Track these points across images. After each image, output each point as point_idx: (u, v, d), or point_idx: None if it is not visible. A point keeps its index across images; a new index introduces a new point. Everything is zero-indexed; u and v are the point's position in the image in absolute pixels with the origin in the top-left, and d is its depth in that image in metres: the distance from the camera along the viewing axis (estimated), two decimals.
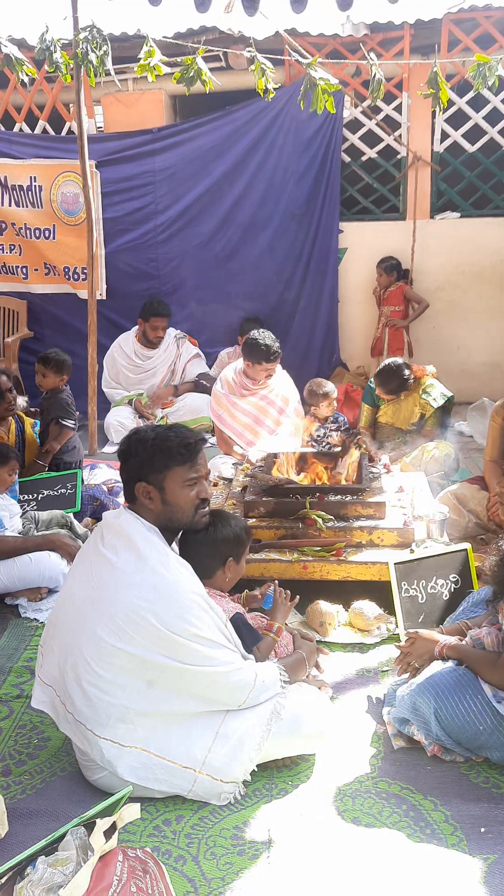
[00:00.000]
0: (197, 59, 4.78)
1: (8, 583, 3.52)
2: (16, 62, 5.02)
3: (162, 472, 2.35)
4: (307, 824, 2.18)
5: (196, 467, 2.40)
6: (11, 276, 6.88)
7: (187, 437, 2.41)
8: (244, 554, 2.69)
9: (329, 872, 2.01)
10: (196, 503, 2.42)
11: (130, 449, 2.40)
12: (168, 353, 6.33)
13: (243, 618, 2.58)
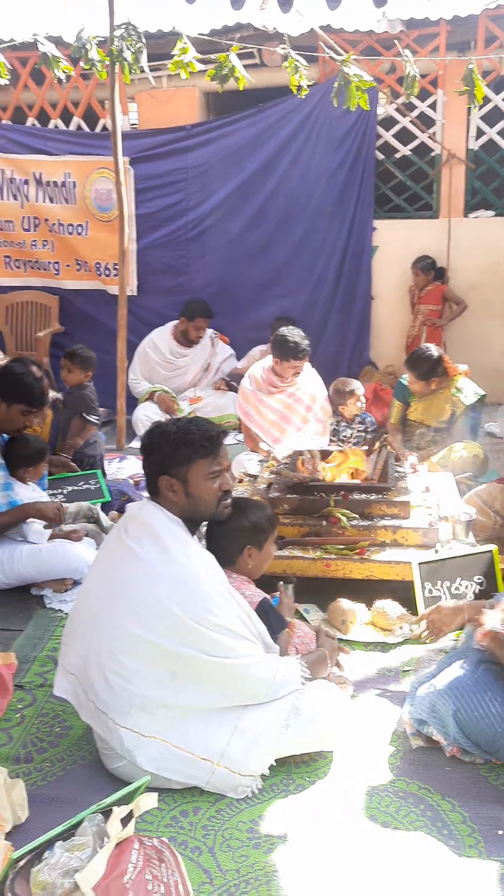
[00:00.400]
0: (231, 56, 4.80)
1: (34, 573, 3.57)
2: (52, 60, 5.08)
3: (185, 465, 2.38)
4: (323, 821, 2.19)
5: (218, 460, 2.44)
6: (44, 271, 6.96)
7: (209, 430, 2.44)
8: (267, 542, 2.69)
9: (344, 869, 2.01)
10: (219, 495, 2.45)
11: (153, 443, 2.43)
12: (203, 352, 6.34)
13: (270, 603, 2.60)
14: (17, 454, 3.75)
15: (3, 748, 2.51)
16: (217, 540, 2.62)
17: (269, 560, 2.76)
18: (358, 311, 6.57)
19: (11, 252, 6.98)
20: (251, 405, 4.83)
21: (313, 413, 4.79)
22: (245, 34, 5.99)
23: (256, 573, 2.72)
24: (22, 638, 3.21)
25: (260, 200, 6.42)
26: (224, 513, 2.51)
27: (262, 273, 6.60)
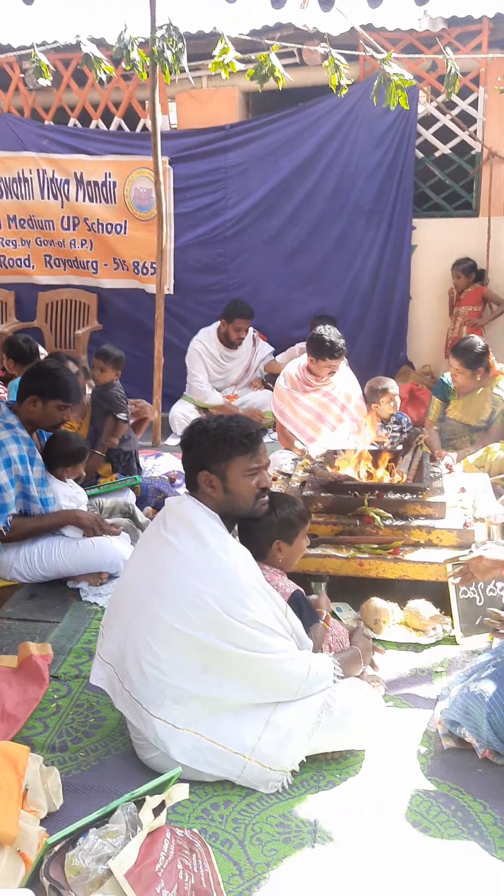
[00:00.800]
0: (271, 56, 4.81)
1: (71, 566, 3.62)
2: (94, 61, 5.14)
3: (224, 462, 2.41)
4: (353, 818, 2.19)
5: (257, 457, 2.46)
6: (82, 270, 7.05)
7: (248, 427, 2.46)
8: (297, 536, 2.70)
9: (373, 867, 2.01)
10: (256, 492, 2.47)
11: (193, 438, 2.46)
12: (247, 353, 6.36)
13: (304, 596, 2.62)
14: (58, 452, 3.78)
15: (39, 737, 2.56)
16: (248, 534, 2.64)
17: (301, 554, 2.78)
18: (395, 310, 6.53)
19: (52, 251, 7.09)
20: (286, 403, 4.84)
21: (348, 412, 4.78)
22: (285, 33, 6.00)
23: (288, 567, 2.74)
24: (58, 630, 3.27)
25: (298, 199, 6.42)
26: (261, 509, 2.53)
27: (300, 272, 6.60)
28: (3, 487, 3.49)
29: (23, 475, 3.54)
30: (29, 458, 3.60)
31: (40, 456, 3.70)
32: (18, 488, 3.54)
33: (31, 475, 3.58)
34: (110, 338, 6.88)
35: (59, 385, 3.62)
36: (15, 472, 3.51)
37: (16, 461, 3.52)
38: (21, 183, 6.93)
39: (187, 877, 1.71)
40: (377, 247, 6.42)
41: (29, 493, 3.57)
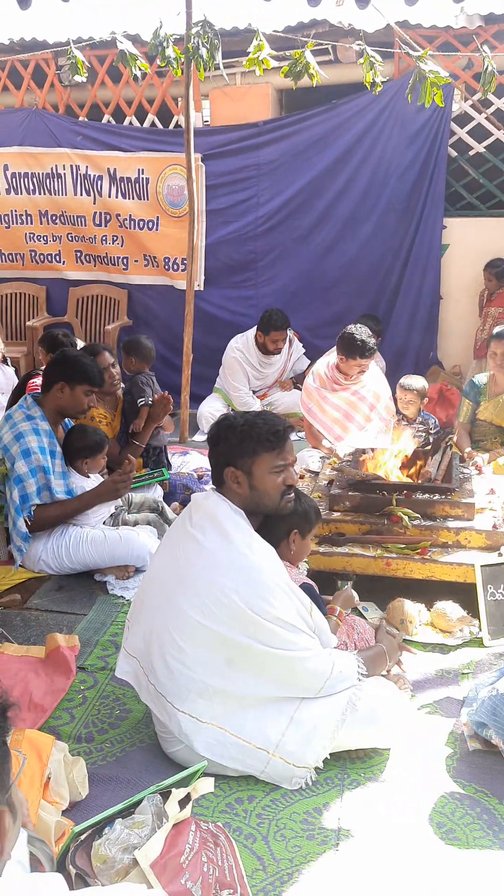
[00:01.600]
0: (305, 53, 4.80)
1: (98, 559, 3.65)
2: (129, 57, 5.16)
3: (250, 458, 2.40)
4: (377, 817, 2.19)
5: (283, 454, 2.45)
6: (113, 266, 7.09)
7: (276, 424, 2.45)
8: (310, 532, 2.70)
9: (396, 866, 2.01)
10: (282, 489, 2.46)
11: (220, 434, 2.46)
12: (283, 355, 6.31)
13: (313, 589, 2.62)
14: (74, 446, 3.80)
15: (66, 727, 2.59)
16: (265, 521, 2.58)
17: (307, 552, 2.78)
18: (424, 310, 6.48)
19: (82, 247, 7.14)
20: (314, 402, 4.83)
21: (377, 412, 4.75)
22: (320, 30, 5.98)
23: (296, 560, 2.73)
24: (85, 622, 3.29)
25: (329, 197, 6.40)
26: (287, 507, 2.51)
27: (329, 270, 6.58)
28: (23, 477, 3.53)
29: (44, 465, 3.57)
30: (49, 451, 3.64)
31: (61, 450, 3.74)
32: (41, 479, 3.57)
33: (51, 467, 3.61)
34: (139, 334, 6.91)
35: (84, 370, 3.69)
36: (36, 461, 3.55)
37: (35, 452, 3.56)
38: (54, 179, 6.99)
39: (211, 869, 1.71)
40: (406, 246, 6.38)
41: (51, 486, 3.60)
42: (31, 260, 7.32)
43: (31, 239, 7.25)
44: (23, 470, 3.52)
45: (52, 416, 3.72)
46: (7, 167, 7.11)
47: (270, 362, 6.22)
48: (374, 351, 4.62)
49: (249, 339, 6.16)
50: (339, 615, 2.68)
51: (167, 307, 6.93)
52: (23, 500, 3.53)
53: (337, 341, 4.77)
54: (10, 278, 7.44)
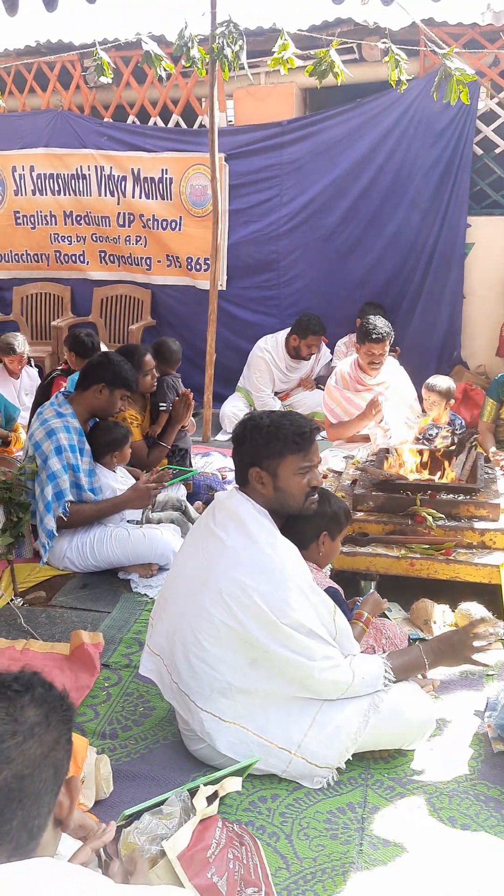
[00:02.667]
0: (330, 52, 4.79)
1: (121, 557, 3.67)
2: (154, 58, 5.19)
3: (276, 459, 2.39)
4: (401, 818, 2.18)
5: (309, 456, 2.43)
6: (136, 266, 7.13)
7: (302, 425, 2.43)
8: (340, 534, 2.69)
9: (420, 868, 2.00)
10: (307, 491, 2.44)
11: (245, 434, 2.45)
12: (311, 361, 6.31)
13: (339, 594, 2.60)
14: (101, 441, 3.84)
15: (90, 724, 2.61)
16: (294, 522, 2.57)
17: (336, 552, 2.75)
18: (447, 309, 6.44)
19: (106, 247, 7.18)
20: (336, 402, 4.83)
21: (401, 412, 4.74)
22: (345, 29, 5.96)
23: (324, 563, 2.71)
24: (109, 619, 3.32)
25: (353, 197, 6.38)
26: (310, 508, 2.49)
27: (352, 269, 6.56)
28: (57, 474, 3.57)
29: (73, 463, 3.62)
30: (79, 448, 3.68)
31: (89, 447, 3.77)
32: (70, 477, 3.61)
33: (80, 464, 3.66)
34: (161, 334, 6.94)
35: (125, 376, 3.78)
36: (67, 459, 3.59)
37: (66, 449, 3.61)
38: (79, 179, 7.04)
39: (237, 867, 1.72)
40: (430, 245, 6.34)
41: (80, 483, 3.64)
42: (55, 260, 7.39)
43: (56, 239, 7.32)
44: (56, 467, 3.57)
45: (82, 415, 3.76)
46: (33, 168, 7.18)
47: (298, 367, 6.20)
48: (388, 335, 4.61)
49: (279, 342, 6.11)
50: (365, 621, 2.66)
51: (190, 307, 6.95)
52: (57, 496, 3.57)
53: (356, 332, 4.78)
54: (36, 278, 7.52)
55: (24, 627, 3.26)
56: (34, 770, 1.12)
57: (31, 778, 1.11)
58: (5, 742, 1.11)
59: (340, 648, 2.37)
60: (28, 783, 1.11)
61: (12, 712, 1.15)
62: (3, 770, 1.09)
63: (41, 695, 1.20)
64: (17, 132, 7.18)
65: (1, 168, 7.32)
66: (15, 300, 7.57)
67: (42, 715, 1.17)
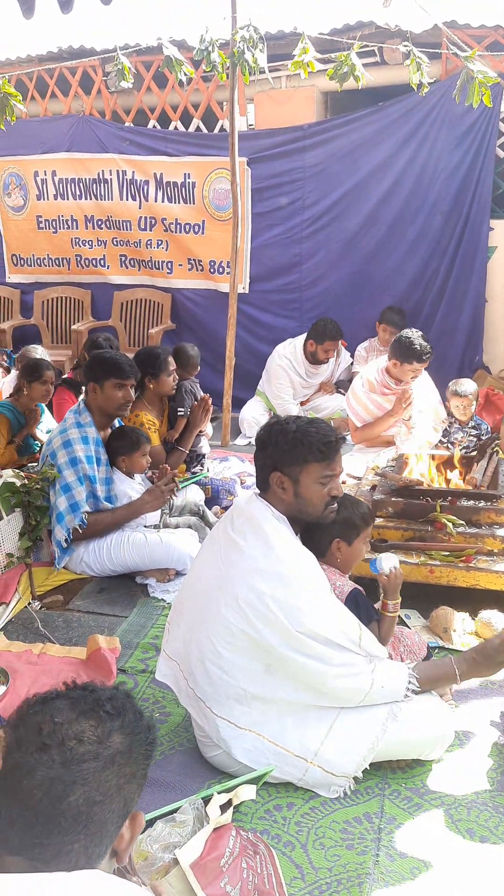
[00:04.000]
0: (351, 55, 4.77)
1: (138, 561, 3.67)
2: (175, 63, 5.20)
3: (299, 466, 2.36)
4: (418, 829, 2.15)
5: (332, 465, 2.40)
6: (156, 270, 7.14)
7: (328, 434, 2.40)
8: (357, 538, 2.63)
9: (438, 880, 1.97)
10: (327, 500, 2.41)
11: (270, 438, 2.42)
12: (331, 365, 6.27)
13: (362, 595, 2.57)
14: (112, 445, 3.83)
15: None
16: (310, 530, 2.58)
17: (360, 558, 2.70)
18: (469, 312, 6.37)
19: (127, 251, 7.21)
20: (362, 406, 4.79)
21: (426, 416, 4.69)
22: (366, 32, 5.94)
23: (345, 568, 2.67)
24: (126, 624, 3.31)
25: (375, 200, 6.35)
26: (329, 517, 2.47)
27: (374, 273, 6.52)
28: (72, 486, 3.57)
29: (90, 475, 3.62)
30: (96, 458, 3.68)
31: (106, 456, 3.77)
32: (87, 487, 3.61)
33: (97, 475, 3.65)
34: (181, 338, 6.95)
35: (107, 364, 3.71)
36: (82, 471, 3.59)
37: (82, 461, 3.60)
38: (101, 184, 7.08)
39: (251, 876, 1.70)
40: (452, 248, 6.29)
41: (96, 493, 3.64)
42: (76, 264, 7.43)
43: (77, 244, 7.36)
44: (71, 479, 3.57)
45: (99, 421, 3.76)
46: (55, 173, 7.23)
47: (318, 372, 6.14)
48: (430, 356, 4.55)
49: (298, 348, 6.04)
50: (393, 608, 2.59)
51: (211, 311, 6.95)
52: (72, 508, 3.56)
53: (392, 345, 4.71)
54: (57, 282, 7.56)
55: (42, 631, 3.27)
56: (105, 798, 1.09)
57: (100, 805, 1.09)
58: (86, 763, 1.09)
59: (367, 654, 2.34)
60: (97, 810, 1.09)
61: (100, 734, 1.12)
62: (77, 790, 1.07)
63: (130, 722, 1.17)
64: (39, 137, 7.23)
65: (23, 173, 7.37)
66: (36, 304, 7.62)
67: (127, 745, 1.14)
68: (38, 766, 1.07)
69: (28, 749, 1.09)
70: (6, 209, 7.56)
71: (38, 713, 1.14)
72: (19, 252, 7.66)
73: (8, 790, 1.09)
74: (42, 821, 1.06)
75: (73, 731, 1.11)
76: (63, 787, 1.07)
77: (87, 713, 1.14)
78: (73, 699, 1.16)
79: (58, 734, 1.10)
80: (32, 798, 1.06)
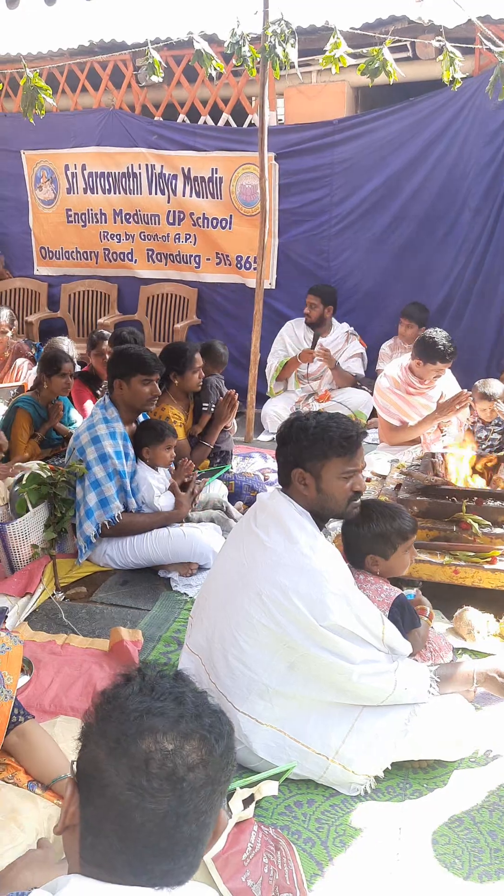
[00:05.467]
0: (383, 50, 4.74)
1: (161, 555, 3.68)
2: (206, 57, 5.19)
3: (320, 462, 2.35)
4: (439, 830, 2.13)
5: (354, 460, 2.39)
6: (184, 264, 7.15)
7: (349, 429, 2.38)
8: (395, 551, 2.59)
9: (459, 882, 1.95)
10: (349, 495, 2.41)
11: (291, 434, 2.41)
12: (335, 344, 6.28)
13: (406, 600, 2.56)
14: (138, 435, 3.84)
15: None
16: (348, 542, 2.62)
17: (402, 567, 2.65)
18: (498, 311, 6.30)
19: (154, 245, 7.22)
20: (393, 405, 4.76)
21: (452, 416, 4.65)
22: (399, 27, 5.89)
23: (387, 576, 2.66)
24: (148, 617, 3.32)
25: (405, 197, 6.30)
26: (352, 512, 2.46)
27: (402, 270, 6.47)
28: (101, 482, 3.58)
29: (119, 470, 3.63)
30: (124, 454, 3.69)
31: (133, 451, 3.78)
32: (117, 483, 3.63)
33: (125, 469, 3.67)
34: (207, 333, 6.95)
35: (132, 360, 3.72)
36: (112, 466, 3.60)
37: (111, 457, 3.61)
38: (130, 178, 7.10)
39: (272, 871, 1.70)
40: (482, 246, 6.22)
41: (125, 488, 3.66)
42: (104, 258, 7.46)
43: (105, 237, 7.39)
44: (101, 475, 3.59)
45: (126, 416, 3.77)
46: (85, 167, 7.26)
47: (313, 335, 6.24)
48: (454, 356, 4.51)
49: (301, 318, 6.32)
50: (429, 616, 2.59)
51: (238, 305, 6.95)
52: (102, 503, 3.58)
53: (415, 344, 4.68)
54: (84, 276, 7.60)
55: (65, 622, 3.29)
56: (212, 812, 1.06)
57: (208, 822, 1.06)
58: (197, 790, 1.03)
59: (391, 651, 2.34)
60: (205, 832, 1.06)
61: (204, 755, 1.05)
62: (191, 819, 1.02)
63: (227, 744, 1.10)
64: (69, 131, 7.27)
65: (54, 166, 7.42)
66: (63, 297, 7.66)
67: (226, 756, 1.09)
68: (149, 800, 1.00)
69: (137, 783, 1.01)
70: (37, 202, 7.61)
71: (138, 736, 1.04)
72: (48, 245, 7.71)
73: (113, 820, 1.01)
74: (152, 852, 1.01)
75: (183, 759, 1.03)
76: (176, 818, 1.01)
77: (190, 734, 1.05)
78: (173, 718, 1.06)
79: (167, 764, 1.02)
80: (143, 830, 1.00)
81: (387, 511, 2.61)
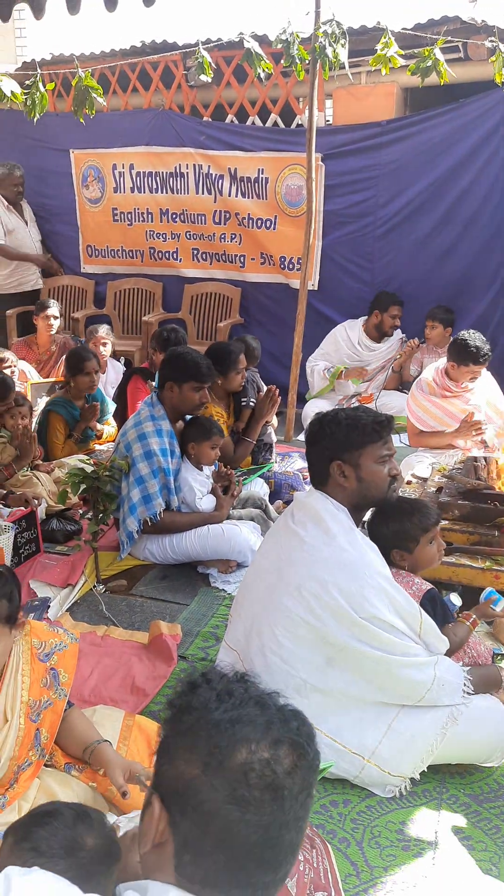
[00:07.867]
0: (435, 51, 4.70)
1: (200, 551, 3.70)
2: (255, 58, 5.20)
3: (358, 450, 2.39)
4: (475, 836, 2.12)
5: (388, 444, 2.45)
6: (230, 264, 7.18)
7: (378, 415, 2.47)
8: (419, 545, 2.59)
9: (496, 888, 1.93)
10: (388, 480, 2.44)
11: (323, 430, 2.45)
12: (389, 350, 6.25)
13: (437, 594, 2.55)
14: (185, 430, 3.86)
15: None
16: (375, 539, 2.59)
17: (430, 560, 2.64)
18: None
19: (200, 244, 7.26)
20: (424, 409, 4.73)
21: (492, 420, 4.61)
22: (451, 27, 5.83)
23: (415, 571, 2.66)
24: (187, 612, 3.35)
25: (451, 199, 6.24)
26: (393, 496, 2.49)
27: (447, 274, 6.41)
28: (145, 478, 3.62)
29: (164, 467, 3.66)
30: (170, 451, 3.72)
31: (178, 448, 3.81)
32: (161, 480, 3.66)
33: (170, 467, 3.70)
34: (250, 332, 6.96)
35: (189, 367, 3.72)
36: (157, 464, 3.63)
37: (157, 454, 3.64)
38: (177, 178, 7.15)
39: (307, 869, 1.71)
40: None
41: (169, 486, 3.69)
42: (149, 257, 7.53)
43: (151, 236, 7.45)
44: (145, 471, 3.62)
45: (171, 414, 3.79)
46: (132, 166, 7.33)
47: (373, 348, 6.17)
48: (488, 357, 4.47)
49: (356, 322, 6.26)
50: (473, 622, 2.58)
51: (281, 305, 6.95)
52: (145, 500, 3.62)
53: (449, 347, 4.65)
54: (130, 274, 7.68)
55: (106, 614, 3.34)
56: (305, 824, 1.05)
57: (303, 833, 1.04)
58: (302, 793, 1.01)
59: (427, 647, 2.33)
60: (302, 838, 1.04)
61: (296, 759, 1.02)
62: (292, 828, 1.00)
63: (315, 747, 1.07)
64: (118, 131, 7.35)
65: (101, 165, 7.51)
66: (108, 295, 7.75)
67: (317, 773, 1.07)
68: (252, 812, 0.97)
69: (238, 796, 0.98)
70: (84, 201, 7.71)
71: (231, 748, 1.00)
72: (94, 243, 7.81)
73: (216, 836, 0.98)
74: (257, 864, 0.99)
75: (281, 767, 1.00)
76: (279, 827, 0.99)
77: (281, 739, 1.02)
78: (262, 725, 1.02)
79: (267, 774, 0.99)
80: (248, 843, 0.98)
81: (405, 506, 2.63)
